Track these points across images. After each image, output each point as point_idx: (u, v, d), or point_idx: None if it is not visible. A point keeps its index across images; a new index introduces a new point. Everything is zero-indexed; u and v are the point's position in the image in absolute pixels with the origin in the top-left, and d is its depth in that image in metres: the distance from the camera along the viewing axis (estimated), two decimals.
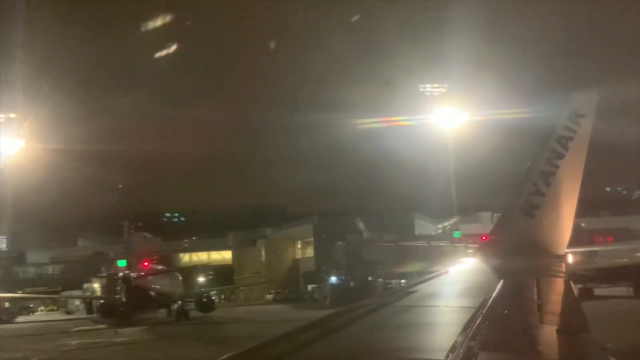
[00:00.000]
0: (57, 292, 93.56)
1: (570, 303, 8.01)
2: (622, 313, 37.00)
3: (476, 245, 22.16)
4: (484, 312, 6.60)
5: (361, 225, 79.36)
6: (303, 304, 71.04)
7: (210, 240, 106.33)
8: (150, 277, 61.75)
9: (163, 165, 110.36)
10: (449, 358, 4.65)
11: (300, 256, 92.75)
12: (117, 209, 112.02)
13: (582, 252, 51.90)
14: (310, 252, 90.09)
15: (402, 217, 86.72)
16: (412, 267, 59.18)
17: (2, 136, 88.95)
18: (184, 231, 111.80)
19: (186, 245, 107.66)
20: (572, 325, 6.87)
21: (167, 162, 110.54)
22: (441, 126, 73.83)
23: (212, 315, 59.92)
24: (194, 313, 61.56)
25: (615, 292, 52.16)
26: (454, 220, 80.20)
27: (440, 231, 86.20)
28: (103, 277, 76.97)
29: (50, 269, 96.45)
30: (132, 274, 60.07)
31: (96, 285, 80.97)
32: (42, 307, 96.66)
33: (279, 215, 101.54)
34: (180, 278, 66.76)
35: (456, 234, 74.81)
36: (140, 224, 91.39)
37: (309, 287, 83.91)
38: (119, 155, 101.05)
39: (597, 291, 52.05)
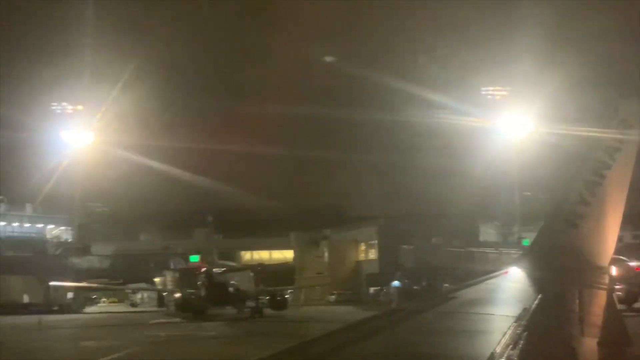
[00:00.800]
0: (119, 285, 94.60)
1: (612, 316, 7.92)
2: None
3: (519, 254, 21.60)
4: (524, 321, 6.54)
5: (427, 230, 78.30)
6: (368, 306, 70.19)
7: (271, 239, 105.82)
8: (229, 274, 62.85)
9: (227, 162, 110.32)
10: None
11: (363, 258, 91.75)
12: (180, 205, 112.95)
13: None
14: (374, 254, 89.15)
15: (467, 223, 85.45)
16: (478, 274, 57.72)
17: (71, 129, 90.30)
18: (246, 229, 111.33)
19: (247, 243, 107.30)
20: (613, 338, 6.84)
21: (231, 160, 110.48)
22: (508, 132, 72.72)
23: (284, 314, 60.04)
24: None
25: None
26: (517, 227, 78.98)
27: (505, 238, 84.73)
28: (176, 271, 77.51)
29: (113, 262, 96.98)
30: (214, 270, 61.33)
31: (169, 279, 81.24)
32: (104, 299, 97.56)
33: (342, 216, 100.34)
34: (253, 275, 67.49)
35: (525, 242, 73.13)
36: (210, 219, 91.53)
37: (371, 289, 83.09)
38: (184, 151, 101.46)
39: None
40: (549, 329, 6.54)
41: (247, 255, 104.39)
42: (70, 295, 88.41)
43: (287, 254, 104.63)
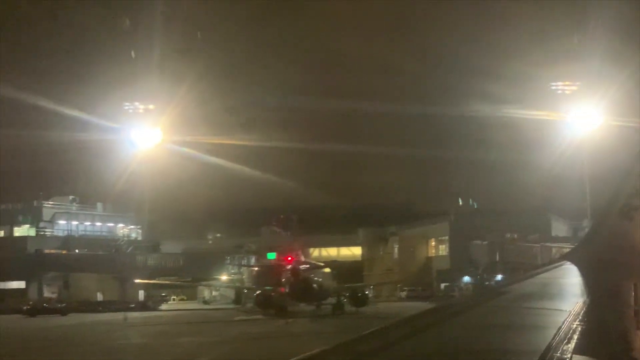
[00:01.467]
0: (194, 282, 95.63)
1: None
2: None
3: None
4: (579, 315, 6.38)
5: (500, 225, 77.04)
6: (441, 302, 69.32)
7: (339, 236, 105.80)
8: (313, 271, 62.95)
9: (294, 160, 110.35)
10: None
11: (433, 254, 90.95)
12: (247, 204, 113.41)
13: None
14: (444, 250, 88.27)
15: (539, 218, 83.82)
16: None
17: (141, 128, 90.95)
18: (313, 226, 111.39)
19: (316, 240, 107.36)
20: None
21: (298, 158, 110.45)
22: (578, 126, 71.42)
23: (364, 310, 59.52)
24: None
25: None
26: (587, 222, 77.26)
27: (576, 233, 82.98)
28: (256, 268, 77.47)
29: (183, 260, 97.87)
30: (299, 267, 61.34)
31: (246, 276, 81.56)
32: (174, 297, 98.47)
33: (411, 212, 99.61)
34: (331, 273, 67.68)
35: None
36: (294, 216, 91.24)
37: (442, 285, 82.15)
38: (253, 150, 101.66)
39: None
40: (603, 323, 6.32)
41: (315, 253, 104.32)
42: (142, 293, 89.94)
43: (355, 251, 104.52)
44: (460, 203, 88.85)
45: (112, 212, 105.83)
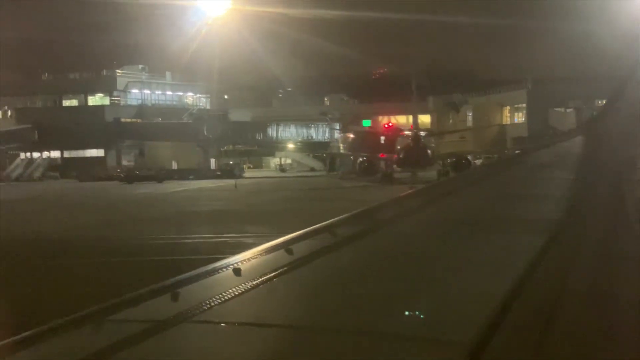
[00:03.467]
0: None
1: None
2: None
3: None
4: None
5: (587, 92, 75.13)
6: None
7: (408, 103, 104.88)
8: (427, 138, 62.88)
9: (361, 28, 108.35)
10: None
11: (509, 122, 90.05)
12: (318, 71, 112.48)
13: None
14: (521, 117, 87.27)
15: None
16: None
17: None
18: (380, 94, 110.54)
19: (383, 108, 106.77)
20: None
21: (366, 26, 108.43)
22: None
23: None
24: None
25: None
26: None
27: None
28: (351, 134, 76.96)
29: (254, 128, 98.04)
30: (420, 133, 61.24)
31: (340, 144, 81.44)
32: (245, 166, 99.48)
33: (482, 80, 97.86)
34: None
35: None
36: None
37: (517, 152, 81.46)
38: (315, 18, 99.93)
39: None
40: (620, 191, 6.31)
41: (383, 121, 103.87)
42: (214, 161, 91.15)
43: (425, 119, 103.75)
44: (541, 70, 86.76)
45: (180, 81, 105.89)
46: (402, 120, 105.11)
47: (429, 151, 59.98)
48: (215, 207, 38.14)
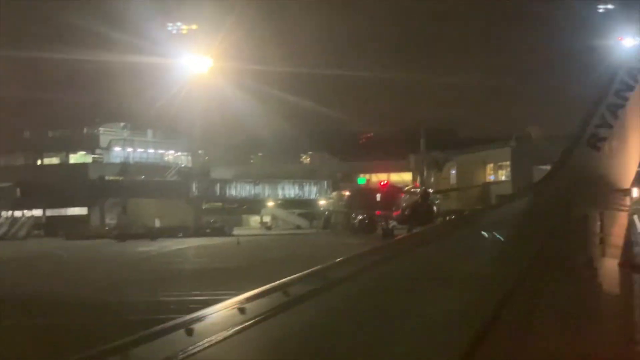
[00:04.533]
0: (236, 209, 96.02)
1: (634, 237, 7.95)
2: None
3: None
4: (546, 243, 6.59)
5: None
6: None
7: (390, 161, 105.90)
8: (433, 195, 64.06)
9: (343, 85, 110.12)
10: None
11: (492, 179, 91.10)
12: (299, 129, 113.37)
13: None
14: (504, 175, 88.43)
15: None
16: None
17: (188, 53, 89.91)
18: (362, 152, 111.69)
19: (365, 166, 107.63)
20: (634, 259, 6.78)
21: (347, 82, 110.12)
22: None
23: None
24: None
25: None
26: None
27: None
28: (349, 192, 77.48)
29: (238, 187, 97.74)
30: (428, 190, 62.29)
31: (339, 201, 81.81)
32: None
33: (464, 138, 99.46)
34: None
35: None
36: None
37: None
38: (302, 75, 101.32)
39: None
40: (571, 251, 6.59)
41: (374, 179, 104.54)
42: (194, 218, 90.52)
43: (406, 177, 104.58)
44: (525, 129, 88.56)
45: (161, 138, 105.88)
46: (383, 177, 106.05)
47: (434, 208, 61.16)
48: (241, 263, 38.00)
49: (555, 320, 4.11)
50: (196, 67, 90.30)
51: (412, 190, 67.86)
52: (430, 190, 64.71)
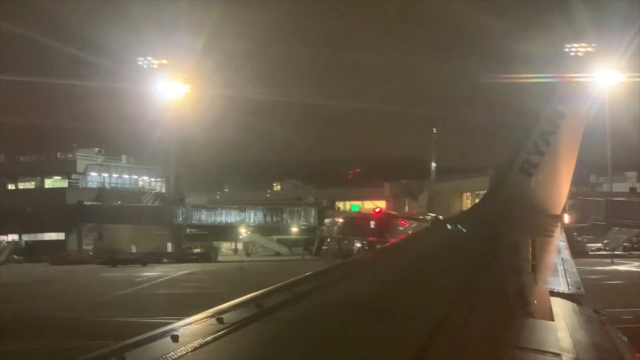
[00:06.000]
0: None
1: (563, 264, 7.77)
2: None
3: None
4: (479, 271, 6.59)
5: None
6: None
7: (364, 189, 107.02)
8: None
9: (317, 114, 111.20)
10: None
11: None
12: (265, 157, 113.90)
13: None
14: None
15: None
16: None
17: (157, 83, 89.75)
18: (335, 180, 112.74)
19: (340, 194, 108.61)
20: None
21: (321, 111, 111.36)
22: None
23: None
24: None
25: None
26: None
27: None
28: (342, 219, 77.48)
29: (212, 212, 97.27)
30: (439, 217, 62.41)
31: (332, 228, 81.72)
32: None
33: (440, 168, 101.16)
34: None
35: None
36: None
37: None
38: (276, 104, 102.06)
39: None
40: (503, 278, 6.53)
41: (339, 206, 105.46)
42: (170, 245, 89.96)
43: (380, 205, 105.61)
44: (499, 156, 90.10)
45: (135, 164, 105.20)
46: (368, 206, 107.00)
47: None
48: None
49: (486, 350, 4.01)
50: (170, 93, 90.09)
51: (420, 217, 68.48)
52: (441, 217, 65.44)
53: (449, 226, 10.39)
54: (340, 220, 74.25)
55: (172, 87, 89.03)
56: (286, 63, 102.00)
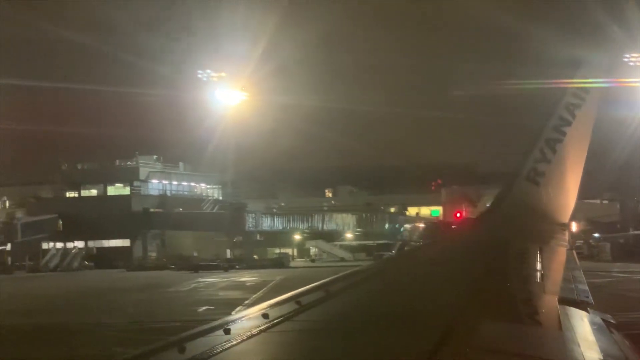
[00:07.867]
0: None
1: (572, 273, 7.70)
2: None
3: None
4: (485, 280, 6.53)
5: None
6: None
7: (420, 195, 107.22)
8: None
9: (373, 120, 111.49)
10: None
11: None
12: (322, 163, 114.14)
13: None
14: None
15: None
16: None
17: (215, 94, 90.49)
18: (389, 186, 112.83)
19: (397, 199, 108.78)
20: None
21: (377, 118, 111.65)
22: None
23: None
24: None
25: None
26: None
27: None
28: (424, 224, 77.56)
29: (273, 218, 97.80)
30: None
31: (413, 233, 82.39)
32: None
33: (497, 173, 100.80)
34: None
35: None
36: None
37: None
38: (330, 110, 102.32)
39: None
40: (511, 288, 6.41)
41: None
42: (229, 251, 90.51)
43: (438, 210, 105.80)
44: None
45: (192, 171, 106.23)
46: (412, 212, 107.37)
47: None
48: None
49: (494, 359, 3.99)
50: (228, 101, 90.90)
51: None
52: None
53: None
54: (422, 225, 74.34)
55: (229, 95, 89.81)
56: (344, 70, 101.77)
